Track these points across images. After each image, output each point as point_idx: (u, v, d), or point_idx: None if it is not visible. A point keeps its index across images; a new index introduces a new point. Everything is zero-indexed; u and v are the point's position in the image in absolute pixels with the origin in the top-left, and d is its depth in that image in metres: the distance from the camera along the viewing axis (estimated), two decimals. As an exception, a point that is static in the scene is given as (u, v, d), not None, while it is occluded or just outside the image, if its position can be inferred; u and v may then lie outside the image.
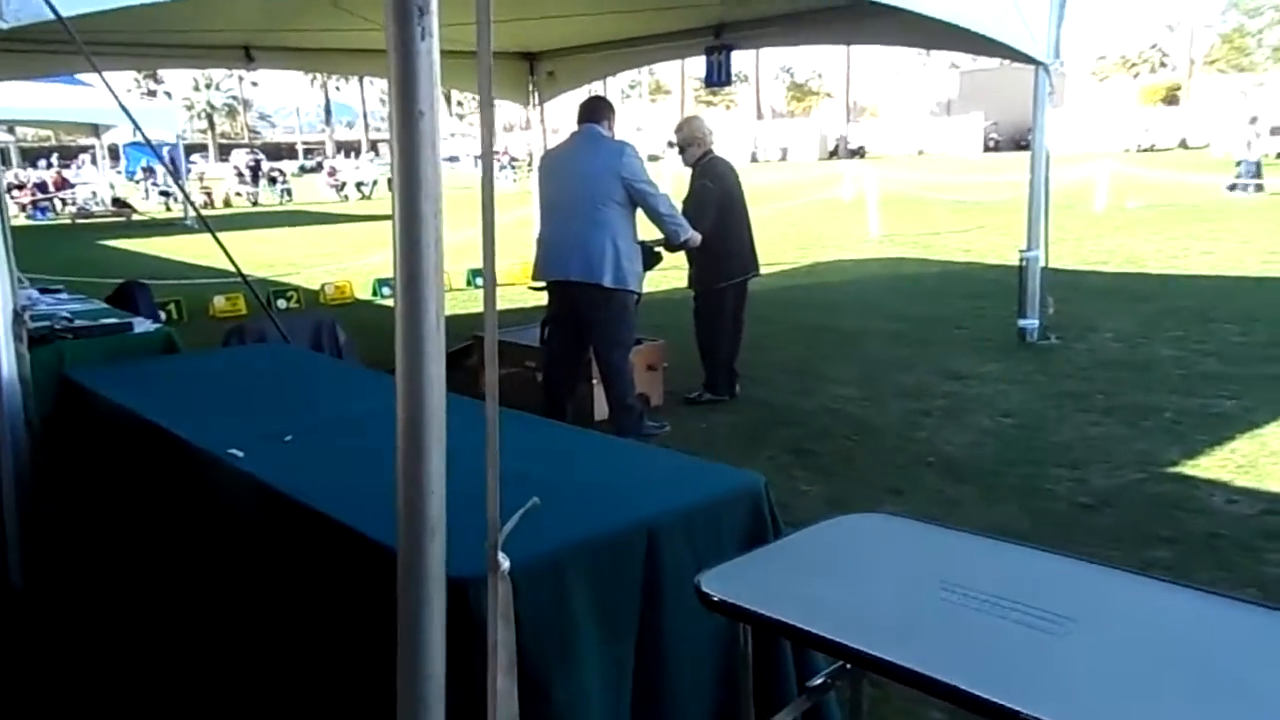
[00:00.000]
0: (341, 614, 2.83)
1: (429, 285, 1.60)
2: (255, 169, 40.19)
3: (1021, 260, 9.12)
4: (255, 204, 37.46)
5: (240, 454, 3.52)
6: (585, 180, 6.01)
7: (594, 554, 2.66)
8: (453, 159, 73.65)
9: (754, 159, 66.39)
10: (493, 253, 1.59)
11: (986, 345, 9.01)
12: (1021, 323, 9.12)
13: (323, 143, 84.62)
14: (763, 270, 7.62)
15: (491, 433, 1.71)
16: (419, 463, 1.67)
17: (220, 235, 5.78)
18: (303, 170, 62.88)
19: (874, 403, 7.26)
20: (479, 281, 13.91)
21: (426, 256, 1.59)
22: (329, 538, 2.87)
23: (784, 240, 18.92)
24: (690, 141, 7.25)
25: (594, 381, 6.68)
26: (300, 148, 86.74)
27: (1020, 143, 56.93)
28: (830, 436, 6.50)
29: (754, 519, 3.02)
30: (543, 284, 6.54)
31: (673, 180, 18.16)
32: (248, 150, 49.86)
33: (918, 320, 10.33)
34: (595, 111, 6.17)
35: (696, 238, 6.52)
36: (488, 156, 1.61)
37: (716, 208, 7.08)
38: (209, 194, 36.17)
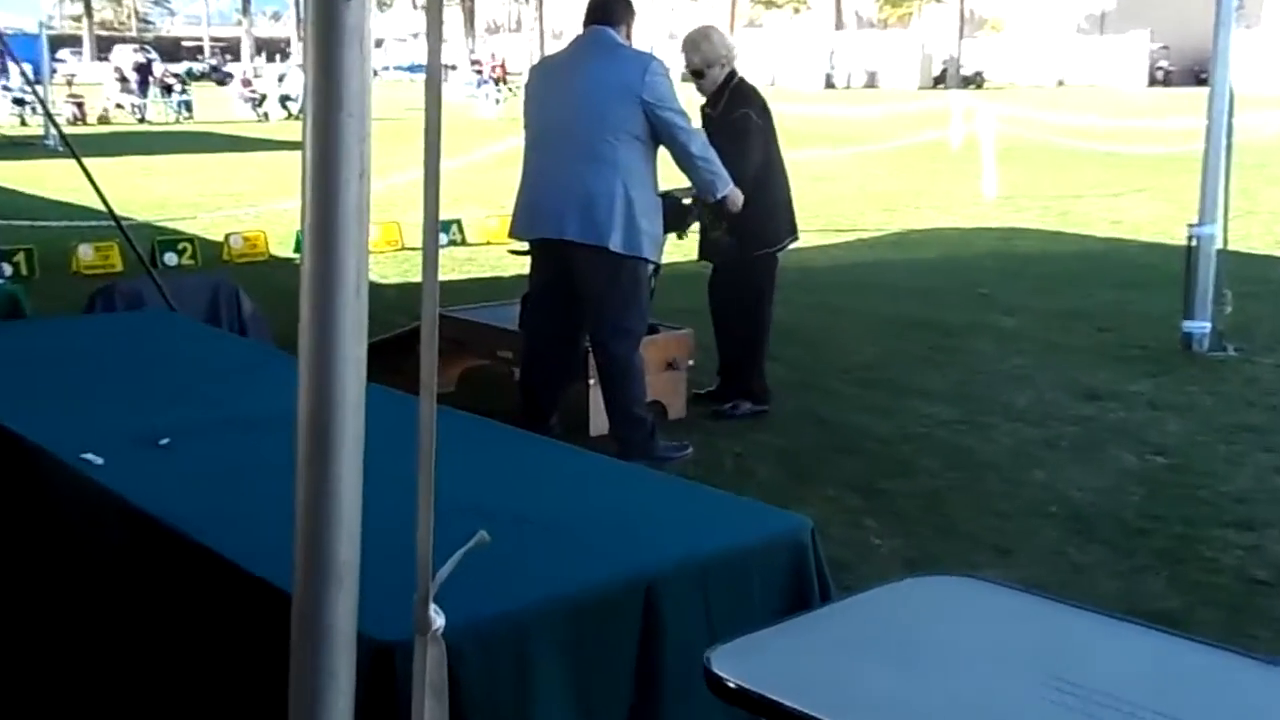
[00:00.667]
0: (231, 678, 2.85)
1: (346, 236, 1.61)
2: (145, 73, 40.37)
3: (1191, 239, 9.09)
4: (142, 120, 37.62)
5: (98, 460, 3.55)
6: (591, 103, 6.02)
7: (571, 615, 2.68)
8: (415, 69, 73.88)
9: (830, 84, 66.33)
10: (436, 191, 1.59)
11: (1136, 354, 8.98)
12: (1187, 325, 9.10)
13: (238, 40, 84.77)
14: (836, 238, 7.61)
15: (425, 443, 1.72)
16: (324, 482, 1.68)
17: (91, 162, 5.82)
18: (208, 76, 63.08)
19: (976, 428, 7.24)
20: (441, 238, 13.96)
21: (345, 196, 1.60)
22: (214, 578, 2.91)
23: (864, 198, 18.90)
24: (713, 61, 7.19)
25: (591, 381, 6.70)
26: (207, 45, 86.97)
27: (1199, 75, 56.65)
28: (913, 472, 6.48)
29: (795, 576, 3.04)
30: (524, 247, 6.56)
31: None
32: (135, 47, 50.03)
33: (1042, 316, 10.30)
34: (608, 10, 6.19)
35: (738, 194, 6.51)
36: (435, 52, 1.62)
37: (764, 148, 7.08)
38: (79, 105, 36.31)
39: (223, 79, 60.74)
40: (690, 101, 6.47)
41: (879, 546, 5.51)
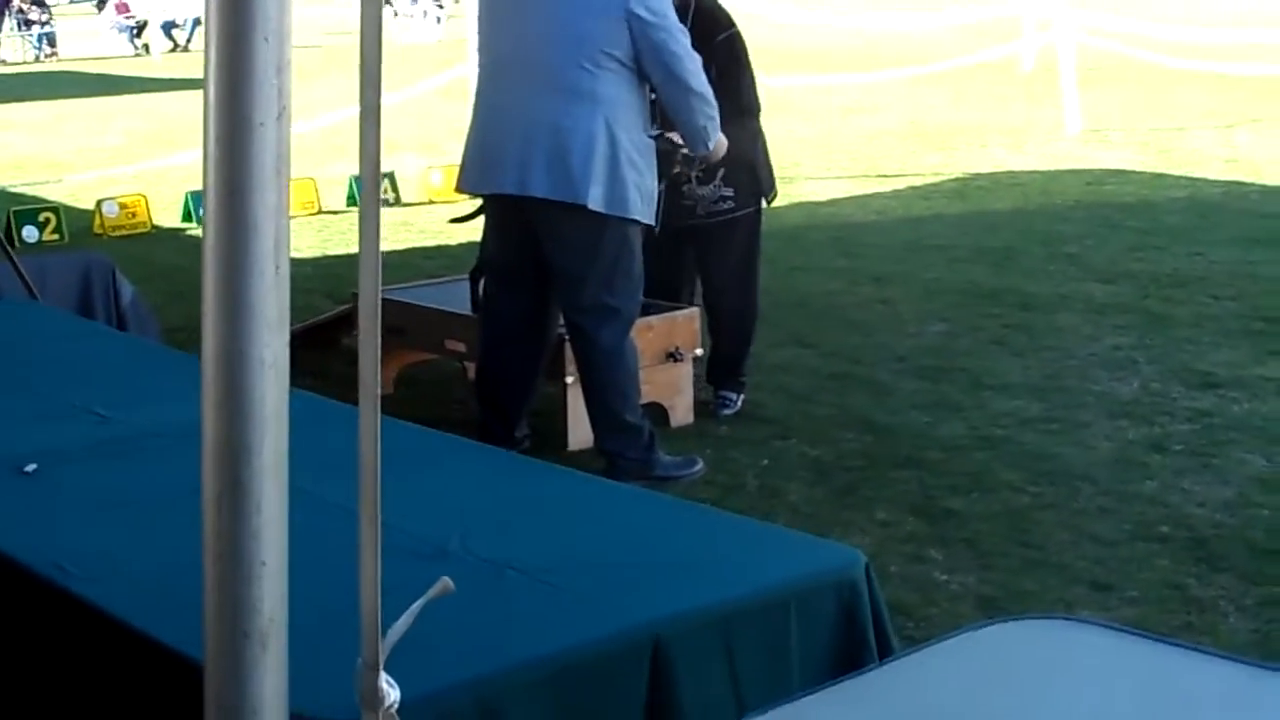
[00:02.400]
0: None
1: (263, 196, 1.59)
2: (-3, 1, 40.27)
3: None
4: (-5, 61, 37.52)
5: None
6: (564, 19, 6.02)
7: (559, 681, 2.69)
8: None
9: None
10: (376, 139, 1.57)
11: (1262, 329, 8.96)
12: (1329, 290, 9.07)
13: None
14: (880, 186, 7.64)
15: (368, 468, 1.71)
16: (240, 521, 1.67)
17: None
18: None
19: (1068, 427, 7.23)
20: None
21: (260, 143, 1.58)
22: (99, 641, 2.91)
23: (914, 135, 18.88)
24: None
25: (569, 379, 6.68)
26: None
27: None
28: (988, 486, 6.47)
29: (844, 625, 3.05)
30: (473, 208, 6.54)
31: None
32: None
33: (1145, 282, 10.29)
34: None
35: (724, 141, 6.53)
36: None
37: (743, 65, 7.14)
38: (-83, 41, 36.30)
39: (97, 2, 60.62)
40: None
41: (947, 582, 5.48)
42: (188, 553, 1.87)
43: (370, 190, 1.60)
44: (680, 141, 6.45)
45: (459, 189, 6.57)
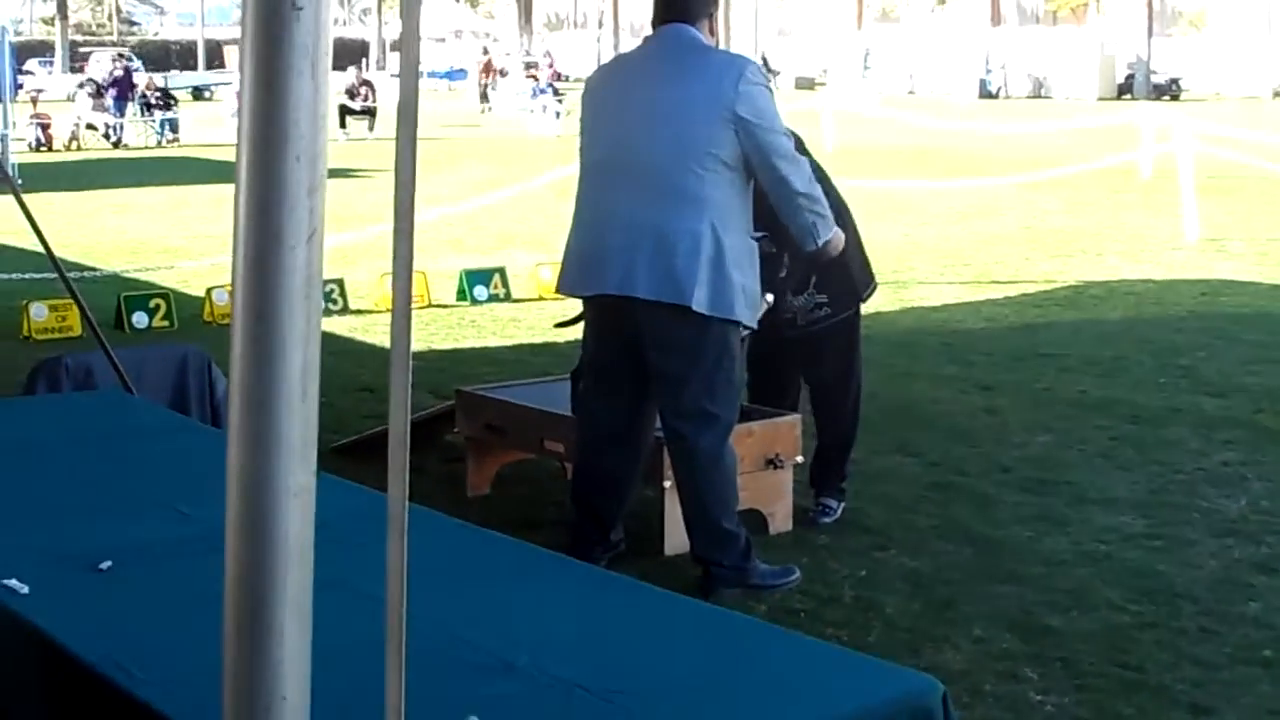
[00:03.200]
0: None
1: (289, 322, 1.55)
2: (124, 86, 41.02)
3: None
4: (118, 145, 38.22)
5: (22, 589, 3.54)
6: (670, 121, 6.00)
7: None
8: (453, 75, 74.93)
9: (986, 93, 66.61)
10: (410, 237, 1.52)
11: (1387, 448, 8.81)
12: None
13: (237, 42, 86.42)
14: (993, 292, 7.60)
15: (395, 581, 1.64)
16: (256, 649, 1.61)
17: (56, 197, 5.89)
18: (198, 93, 64.05)
19: (1172, 544, 7.10)
20: (480, 291, 14.00)
21: (287, 268, 1.54)
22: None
23: (1030, 240, 18.81)
24: None
25: (666, 484, 6.63)
26: (202, 51, 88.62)
27: None
28: (1089, 603, 6.35)
29: (922, 758, 2.96)
30: (574, 313, 6.52)
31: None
32: (115, 54, 50.95)
33: (1259, 397, 10.15)
34: (685, 2, 6.16)
35: (840, 237, 6.48)
36: (409, 64, 1.55)
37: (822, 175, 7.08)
38: (44, 127, 37.01)
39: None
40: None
41: (1042, 704, 5.37)
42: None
43: (403, 289, 1.54)
44: (767, 244, 6.43)
45: (559, 290, 6.56)
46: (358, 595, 2.65)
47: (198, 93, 44.51)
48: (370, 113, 39.93)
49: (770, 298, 6.72)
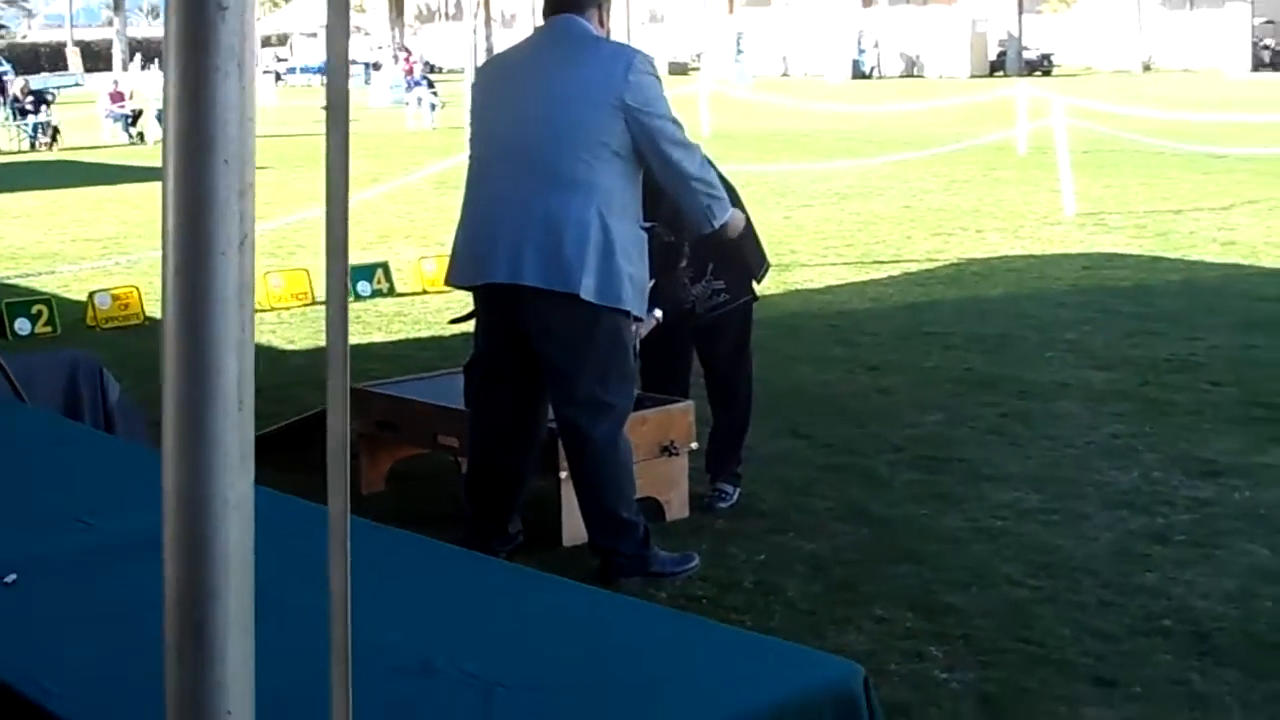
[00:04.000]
0: None
1: (223, 328, 1.53)
2: (-3, 91, 40.54)
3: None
4: (-8, 150, 37.70)
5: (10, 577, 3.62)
6: (560, 111, 6.02)
7: None
8: (324, 69, 74.38)
9: (859, 73, 67.07)
10: (344, 222, 1.50)
11: (1263, 416, 8.94)
12: (1328, 376, 9.05)
13: (109, 42, 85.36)
14: (875, 273, 7.64)
15: (337, 586, 1.63)
16: (201, 670, 1.59)
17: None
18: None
19: (1068, 518, 7.17)
20: (363, 287, 13.90)
21: (219, 273, 1.51)
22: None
23: (909, 220, 18.93)
24: None
25: (562, 474, 6.62)
26: (72, 52, 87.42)
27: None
28: (989, 580, 6.40)
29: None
30: (468, 311, 6.49)
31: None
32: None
33: (1143, 369, 10.28)
34: (574, -10, 6.18)
35: (739, 217, 6.55)
36: (337, 54, 1.54)
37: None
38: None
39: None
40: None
41: (947, 681, 5.40)
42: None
43: (337, 298, 1.52)
44: (664, 233, 6.44)
45: (449, 282, 6.53)
46: (275, 603, 2.63)
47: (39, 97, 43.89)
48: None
49: (659, 314, 6.75)
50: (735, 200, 7.30)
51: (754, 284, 7.49)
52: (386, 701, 2.47)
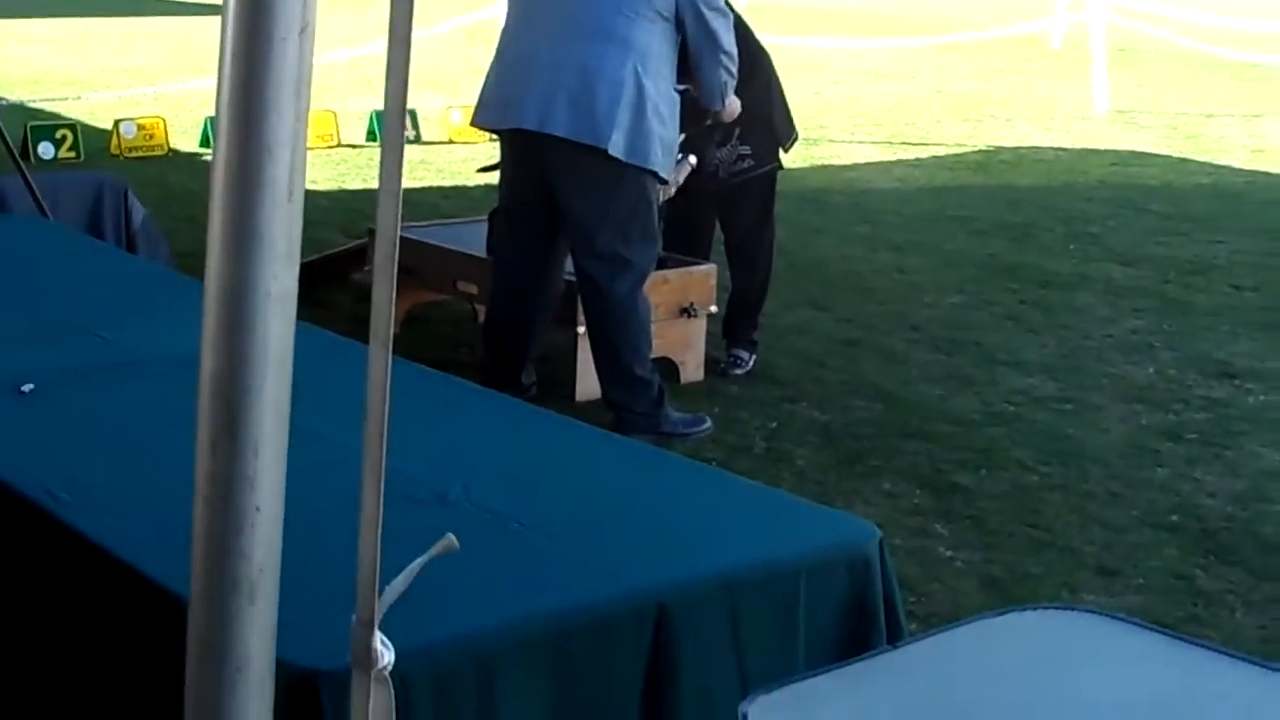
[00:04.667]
0: (113, 697, 2.83)
1: (280, 115, 1.50)
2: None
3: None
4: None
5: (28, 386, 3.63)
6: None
7: (558, 643, 2.65)
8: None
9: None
10: (405, 70, 1.47)
11: (1284, 322, 8.96)
12: (1350, 285, 9.03)
13: None
14: (903, 154, 7.61)
15: (376, 414, 1.61)
16: (233, 465, 1.57)
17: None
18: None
19: (1081, 408, 7.19)
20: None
21: (279, 59, 1.48)
22: (89, 569, 2.85)
23: (940, 104, 18.82)
24: None
25: (579, 329, 6.61)
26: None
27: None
28: (999, 464, 6.42)
29: (855, 603, 3.00)
30: (496, 161, 6.45)
31: None
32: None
33: (1166, 267, 10.26)
34: None
35: (736, 102, 6.53)
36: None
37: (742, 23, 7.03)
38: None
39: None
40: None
41: (951, 559, 5.44)
42: (185, 484, 1.80)
43: (395, 127, 1.50)
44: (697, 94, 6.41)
45: (475, 123, 6.50)
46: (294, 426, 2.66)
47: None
48: None
49: (694, 159, 6.72)
50: (765, 65, 7.27)
51: (781, 153, 7.45)
52: (400, 528, 2.46)
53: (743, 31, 6.73)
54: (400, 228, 4.88)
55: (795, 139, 7.59)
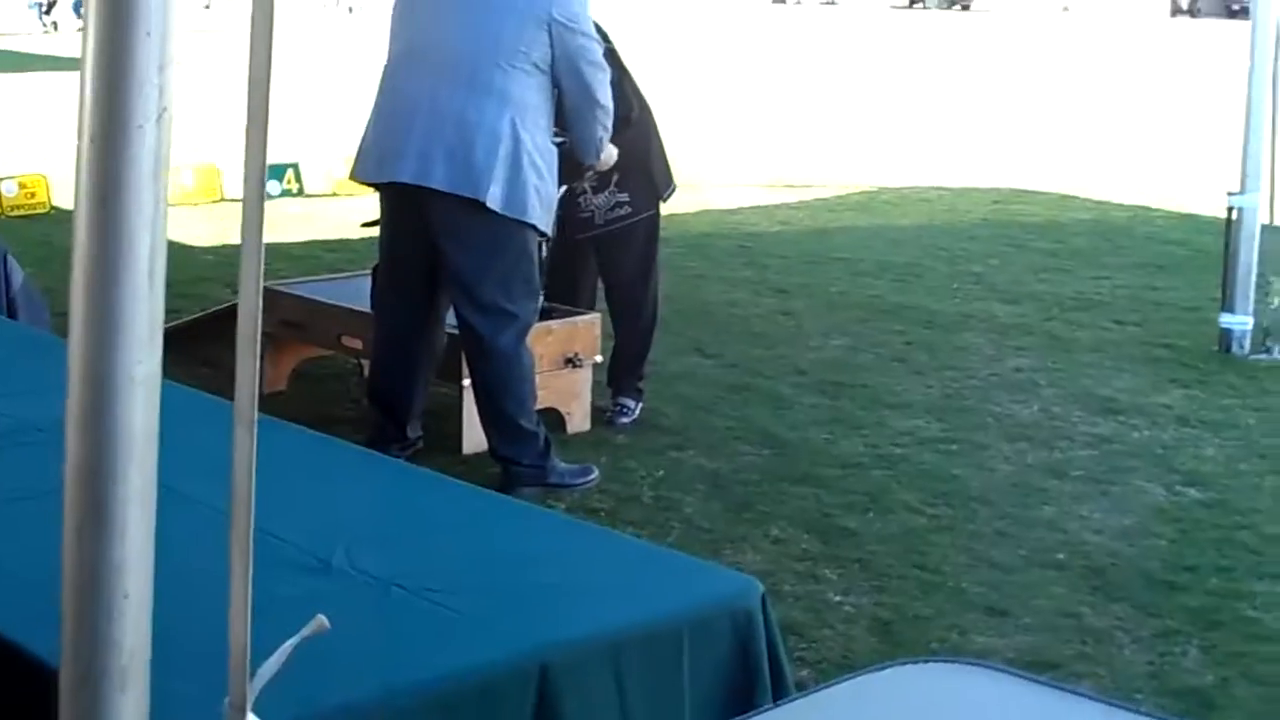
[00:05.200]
0: None
1: (138, 202, 1.49)
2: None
3: (1230, 211, 9.13)
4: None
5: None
6: (482, 18, 5.97)
7: (440, 709, 2.62)
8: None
9: None
10: (265, 110, 1.47)
11: (1164, 356, 9.03)
12: (1225, 321, 9.14)
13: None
14: (785, 196, 7.64)
15: (241, 482, 1.60)
16: (100, 558, 1.56)
17: None
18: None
19: (966, 448, 7.23)
20: (274, 186, 13.78)
21: (137, 148, 1.48)
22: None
23: (823, 144, 18.91)
24: None
25: (464, 382, 6.59)
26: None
27: (1231, 6, 57.60)
28: (885, 506, 6.44)
29: (738, 656, 2.99)
30: (376, 216, 6.43)
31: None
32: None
33: (1048, 305, 10.34)
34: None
35: (613, 151, 6.56)
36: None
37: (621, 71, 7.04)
38: None
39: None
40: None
41: (841, 604, 5.44)
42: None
43: (253, 206, 1.50)
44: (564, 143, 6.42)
45: (354, 176, 6.47)
46: (171, 492, 2.63)
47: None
48: None
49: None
50: (646, 114, 7.29)
51: (660, 203, 7.47)
52: (283, 597, 2.45)
53: (621, 77, 6.76)
54: (285, 283, 4.86)
55: (673, 190, 7.60)
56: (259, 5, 1.50)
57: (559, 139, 6.17)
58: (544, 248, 6.35)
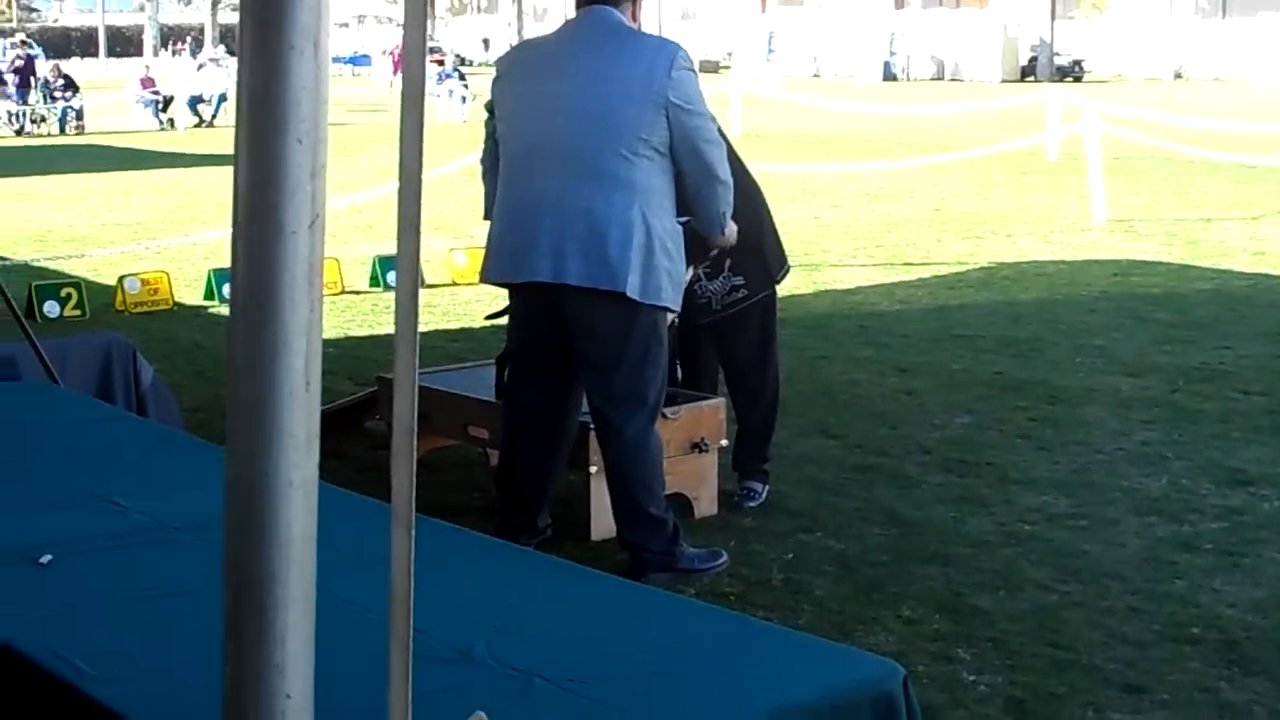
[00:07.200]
0: None
1: (292, 308, 1.52)
2: (25, 73, 40.48)
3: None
4: (21, 132, 37.75)
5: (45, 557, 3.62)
6: (599, 106, 5.97)
7: None
8: (357, 60, 74.74)
9: (890, 75, 67.13)
10: (417, 219, 1.49)
11: (1297, 426, 8.92)
12: (1356, 388, 9.02)
13: (140, 28, 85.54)
14: (905, 274, 7.63)
15: (400, 582, 1.62)
16: (261, 652, 1.58)
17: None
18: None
19: (1096, 524, 7.15)
20: (392, 277, 13.95)
21: (289, 253, 1.50)
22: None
23: (940, 223, 18.90)
24: None
25: (593, 469, 6.61)
26: (103, 36, 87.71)
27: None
28: (1017, 583, 6.38)
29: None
30: (503, 306, 6.46)
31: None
32: (15, 42, 50.36)
33: (1173, 376, 10.25)
34: (609, -19, 6.15)
35: (734, 228, 6.53)
36: (415, 52, 1.53)
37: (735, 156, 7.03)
38: (-58, 116, 36.68)
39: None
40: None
41: (975, 683, 5.39)
42: (209, 649, 1.80)
43: (407, 315, 1.51)
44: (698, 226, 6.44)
45: (486, 279, 6.47)
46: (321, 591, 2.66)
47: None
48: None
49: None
50: (757, 198, 7.32)
51: (774, 284, 7.47)
52: (428, 690, 2.46)
53: (733, 162, 6.77)
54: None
55: (786, 271, 7.60)
56: (408, 111, 1.52)
57: (682, 220, 6.20)
58: (672, 327, 6.38)
